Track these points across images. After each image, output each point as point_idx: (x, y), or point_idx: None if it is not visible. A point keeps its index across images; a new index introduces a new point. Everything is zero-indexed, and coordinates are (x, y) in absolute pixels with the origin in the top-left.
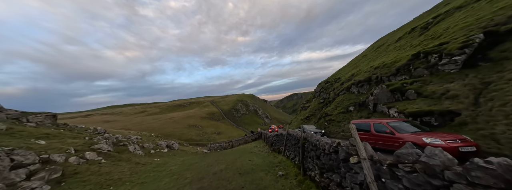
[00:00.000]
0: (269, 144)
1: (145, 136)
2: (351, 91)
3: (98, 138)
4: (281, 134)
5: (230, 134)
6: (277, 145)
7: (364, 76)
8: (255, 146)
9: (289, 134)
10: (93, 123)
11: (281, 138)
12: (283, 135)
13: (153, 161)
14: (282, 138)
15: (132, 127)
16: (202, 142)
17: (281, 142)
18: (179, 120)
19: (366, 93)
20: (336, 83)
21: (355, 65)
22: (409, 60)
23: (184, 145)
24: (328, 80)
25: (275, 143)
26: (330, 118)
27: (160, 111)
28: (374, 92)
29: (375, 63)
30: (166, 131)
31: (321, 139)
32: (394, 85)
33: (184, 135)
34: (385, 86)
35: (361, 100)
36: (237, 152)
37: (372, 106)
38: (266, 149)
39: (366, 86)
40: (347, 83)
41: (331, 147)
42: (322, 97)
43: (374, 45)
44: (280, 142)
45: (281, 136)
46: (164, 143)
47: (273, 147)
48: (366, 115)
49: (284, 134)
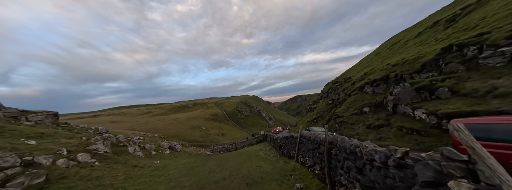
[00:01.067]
0: (276, 147)
1: (148, 136)
2: (364, 91)
3: (96, 138)
4: (292, 136)
5: (234, 136)
6: (287, 149)
7: (380, 75)
8: (261, 148)
9: (303, 137)
10: (100, 123)
11: (292, 140)
12: (294, 137)
13: (152, 164)
14: (294, 140)
15: (137, 128)
16: (206, 143)
17: (292, 145)
18: (183, 121)
19: (383, 93)
20: (346, 83)
21: (367, 64)
22: (437, 54)
23: (187, 146)
24: (337, 81)
25: (284, 146)
26: (342, 120)
27: (165, 112)
28: (393, 92)
29: (393, 60)
30: (170, 131)
31: (365, 145)
32: (420, 83)
33: (187, 136)
34: (408, 84)
35: (378, 100)
36: (242, 155)
37: (391, 106)
38: (273, 152)
39: (382, 85)
40: (360, 83)
41: (391, 158)
42: (331, 97)
43: (388, 43)
44: (290, 145)
45: (292, 138)
46: (166, 144)
47: (281, 151)
48: (384, 116)
49: (296, 136)
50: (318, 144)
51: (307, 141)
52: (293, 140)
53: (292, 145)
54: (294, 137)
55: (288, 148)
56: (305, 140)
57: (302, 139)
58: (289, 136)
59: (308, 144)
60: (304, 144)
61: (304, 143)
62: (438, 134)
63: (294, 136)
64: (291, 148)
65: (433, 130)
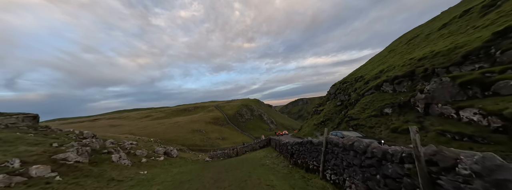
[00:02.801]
0: (286, 154)
1: (143, 141)
2: (382, 90)
3: (71, 144)
4: (310, 142)
5: (235, 140)
6: (302, 158)
7: (403, 71)
8: (265, 155)
9: (334, 144)
10: (99, 127)
11: (310, 148)
12: (315, 143)
13: (136, 176)
14: (314, 148)
15: (136, 132)
16: (206, 147)
17: (311, 154)
18: (183, 125)
19: (408, 92)
20: (357, 82)
21: (381, 62)
22: (487, 41)
23: (185, 151)
24: (346, 81)
25: (299, 155)
26: (357, 123)
27: (165, 115)
28: (425, 89)
29: (417, 54)
30: (170, 135)
31: None
32: (466, 77)
33: (187, 140)
34: (447, 79)
35: (402, 100)
36: (245, 163)
37: (422, 106)
38: (281, 160)
39: (406, 82)
40: (376, 81)
41: None
42: (339, 98)
43: (402, 39)
44: (308, 153)
45: (311, 145)
46: (161, 149)
47: (294, 160)
48: (414, 118)
49: (317, 142)
50: (380, 160)
51: (344, 151)
52: (314, 148)
53: (311, 154)
54: (314, 144)
55: (304, 157)
56: (339, 149)
57: (333, 147)
58: (306, 142)
59: (346, 156)
60: (336, 155)
61: (337, 153)
62: (506, 141)
63: (314, 142)
64: (310, 157)
65: (498, 136)
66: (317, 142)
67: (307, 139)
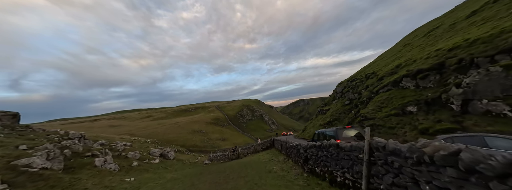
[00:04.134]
0: (296, 158)
1: (138, 142)
2: (402, 87)
3: (44, 147)
4: (337, 146)
5: (235, 140)
6: (323, 166)
7: (429, 64)
8: (270, 158)
9: (395, 153)
10: (98, 128)
11: (337, 154)
12: (345, 149)
13: (118, 184)
14: (345, 155)
15: (136, 132)
16: (206, 148)
17: (337, 162)
18: (184, 125)
19: (436, 87)
20: (369, 79)
21: (395, 57)
22: None
23: (183, 153)
24: (354, 78)
25: (317, 161)
26: (373, 123)
27: (166, 115)
28: (464, 82)
29: (444, 44)
30: (170, 136)
31: None
32: None
33: (188, 141)
34: (499, 68)
35: (430, 96)
36: (248, 168)
37: (459, 103)
38: (291, 166)
39: (433, 76)
40: (392, 77)
41: None
42: (348, 97)
43: (417, 33)
44: (332, 161)
45: (337, 149)
46: (157, 151)
47: (308, 166)
48: (449, 117)
49: (350, 148)
50: None
51: (417, 165)
52: (344, 154)
53: (338, 162)
54: (344, 149)
55: (326, 165)
56: (403, 160)
57: (388, 156)
58: (329, 145)
59: (424, 174)
60: (397, 170)
61: (399, 167)
62: None
63: (343, 147)
64: (337, 167)
65: None
66: (351, 147)
67: (330, 142)
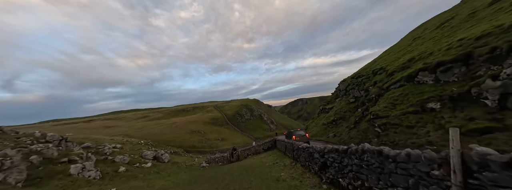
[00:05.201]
0: (313, 165)
1: (131, 143)
2: (417, 82)
3: (2, 153)
4: (379, 153)
5: (234, 140)
6: (354, 178)
7: (453, 55)
8: (274, 161)
9: None
10: (92, 129)
11: (383, 166)
12: (395, 157)
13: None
14: (398, 169)
15: (131, 133)
16: (204, 148)
17: (385, 177)
18: (181, 125)
19: (462, 81)
20: (377, 75)
21: (406, 51)
22: None
23: (180, 154)
24: (360, 74)
25: (341, 171)
26: (386, 121)
27: (163, 116)
28: (504, 73)
29: (469, 34)
30: (167, 137)
31: None
32: None
33: (185, 142)
34: None
35: (456, 91)
36: (251, 174)
37: (495, 98)
38: (300, 172)
39: (458, 69)
40: (405, 72)
41: None
42: (353, 95)
43: (426, 26)
44: (373, 174)
45: (381, 159)
46: (151, 153)
47: (327, 175)
48: (483, 114)
49: (404, 156)
50: None
51: None
52: (394, 167)
53: (379, 176)
54: (395, 159)
55: (359, 178)
56: None
57: None
58: (359, 152)
59: None
60: None
61: None
62: None
63: (393, 156)
64: (378, 183)
65: None
66: (405, 155)
67: (366, 147)
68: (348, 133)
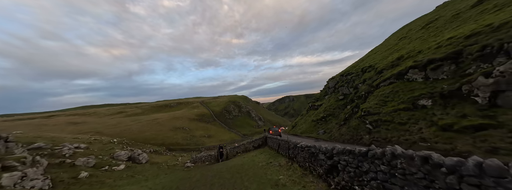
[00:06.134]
0: (315, 167)
1: (100, 143)
2: (407, 79)
3: None
4: (424, 160)
5: (221, 137)
6: (377, 188)
7: (443, 53)
8: (268, 160)
9: None
10: (53, 125)
11: (427, 176)
12: (447, 166)
13: None
14: (456, 181)
15: (104, 130)
16: (190, 146)
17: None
18: (164, 122)
19: (451, 78)
20: (366, 73)
21: (393, 50)
22: None
23: (161, 153)
24: (349, 72)
25: (358, 177)
26: (378, 118)
27: (142, 111)
28: (496, 71)
29: (458, 32)
30: (147, 134)
31: None
32: None
33: (168, 139)
34: None
35: (447, 88)
36: (244, 178)
37: (486, 95)
38: (299, 174)
39: (448, 67)
40: (394, 70)
41: None
42: (342, 92)
43: (411, 26)
44: (410, 186)
45: (430, 169)
46: (125, 153)
47: (335, 180)
48: (475, 111)
49: (474, 166)
50: None
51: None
52: (457, 181)
53: (416, 188)
54: (456, 170)
55: (383, 188)
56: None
57: None
58: (388, 156)
59: None
60: None
61: None
62: None
63: (487, 166)
64: None
65: None
66: (474, 167)
67: (399, 150)
68: (338, 129)
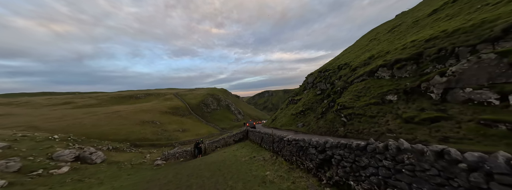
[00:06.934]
0: (305, 162)
1: (33, 140)
2: (377, 76)
3: None
4: (439, 155)
5: (198, 131)
6: (378, 184)
7: (408, 54)
8: (251, 155)
9: None
10: None
11: (442, 172)
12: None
13: None
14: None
15: (41, 125)
16: (161, 141)
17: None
18: (128, 115)
19: (412, 77)
20: (342, 70)
21: (365, 50)
22: None
23: (124, 150)
24: (327, 69)
25: (355, 174)
26: (352, 112)
27: (99, 102)
28: (449, 71)
29: (419, 36)
30: (104, 129)
31: None
32: None
33: (133, 134)
34: (492, 56)
35: (409, 85)
36: (227, 176)
37: (439, 92)
38: (286, 168)
39: (410, 66)
40: (367, 68)
41: None
42: (319, 87)
43: (378, 30)
44: (422, 184)
45: (447, 165)
46: (70, 153)
47: (326, 175)
48: (430, 106)
49: None
50: None
51: None
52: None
53: (427, 186)
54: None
55: (395, 186)
56: None
57: None
58: (393, 150)
59: None
60: None
61: None
62: None
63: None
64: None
65: None
66: (505, 164)
67: (405, 145)
68: (316, 122)
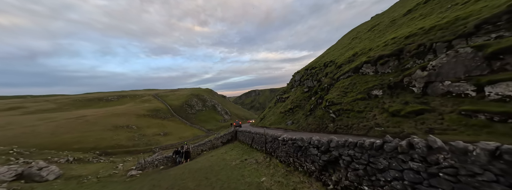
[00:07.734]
0: (306, 164)
1: None
2: (362, 73)
3: None
4: (497, 155)
5: (182, 134)
6: None
7: (390, 50)
8: (242, 158)
9: None
10: None
11: (502, 178)
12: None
13: None
14: None
15: None
16: (139, 147)
17: None
18: (97, 120)
19: (394, 72)
20: (328, 67)
21: (348, 47)
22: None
23: (89, 161)
24: (313, 66)
25: (367, 176)
26: (340, 108)
27: (58, 107)
28: (430, 65)
29: (399, 33)
30: (65, 137)
31: None
32: (498, 45)
33: (104, 141)
34: (468, 49)
35: (393, 80)
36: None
37: (420, 86)
38: (283, 172)
39: (392, 62)
40: (352, 64)
41: None
42: (306, 85)
43: (359, 29)
44: (457, 187)
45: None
46: (9, 170)
47: (333, 179)
48: (413, 99)
49: None
50: None
51: None
52: None
53: None
54: None
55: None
56: None
57: None
58: (422, 150)
59: None
60: None
61: None
62: None
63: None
64: None
65: None
66: None
67: (438, 144)
68: (305, 119)
